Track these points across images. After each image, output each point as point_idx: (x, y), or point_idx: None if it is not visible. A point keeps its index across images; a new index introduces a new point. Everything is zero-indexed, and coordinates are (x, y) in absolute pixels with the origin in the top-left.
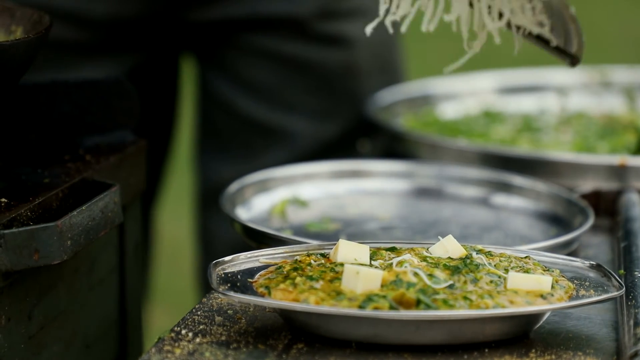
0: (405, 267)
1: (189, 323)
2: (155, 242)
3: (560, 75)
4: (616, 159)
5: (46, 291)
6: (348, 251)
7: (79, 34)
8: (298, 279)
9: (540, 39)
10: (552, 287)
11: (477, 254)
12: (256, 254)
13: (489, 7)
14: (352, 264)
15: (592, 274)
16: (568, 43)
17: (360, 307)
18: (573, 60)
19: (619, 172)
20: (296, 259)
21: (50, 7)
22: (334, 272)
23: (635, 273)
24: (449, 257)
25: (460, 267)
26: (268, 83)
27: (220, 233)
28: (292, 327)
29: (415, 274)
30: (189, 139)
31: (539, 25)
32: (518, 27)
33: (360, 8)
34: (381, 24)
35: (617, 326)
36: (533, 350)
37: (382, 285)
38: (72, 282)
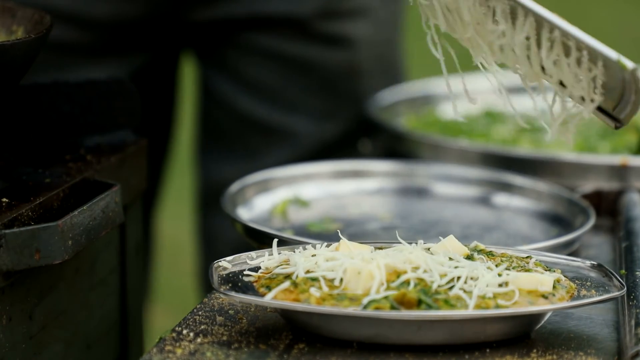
0: (407, 267)
1: (190, 323)
2: (157, 242)
3: None
4: (617, 159)
5: (47, 291)
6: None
7: (81, 35)
8: (299, 279)
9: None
10: (554, 287)
11: (478, 254)
12: (257, 254)
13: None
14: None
15: (593, 274)
16: (619, 108)
17: (362, 307)
18: (617, 125)
19: (620, 172)
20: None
21: (52, 8)
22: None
23: (637, 273)
24: (450, 257)
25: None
26: (269, 83)
27: (221, 233)
28: (294, 327)
29: (417, 274)
30: (189, 139)
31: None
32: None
33: (361, 8)
34: (382, 24)
35: (618, 326)
36: (534, 350)
37: (383, 285)
38: (73, 282)
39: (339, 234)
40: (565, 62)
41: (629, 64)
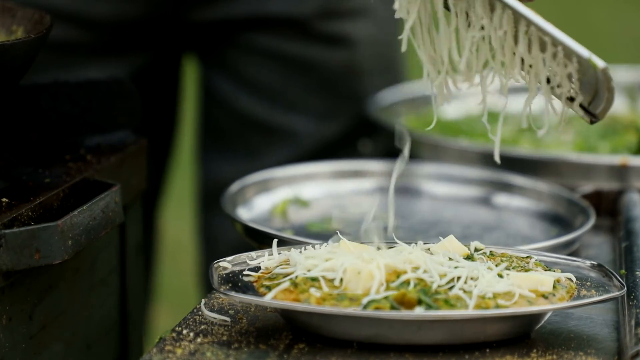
0: (407, 267)
1: (190, 323)
2: (157, 242)
3: None
4: (617, 159)
5: (47, 291)
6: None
7: (82, 34)
8: (299, 279)
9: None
10: (554, 287)
11: (478, 254)
12: (257, 254)
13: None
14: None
15: (593, 274)
16: (594, 104)
17: (362, 307)
18: (593, 119)
19: (620, 172)
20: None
21: (53, 8)
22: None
23: (637, 273)
24: (450, 257)
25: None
26: (270, 82)
27: (221, 233)
28: (294, 327)
29: (416, 274)
30: (190, 139)
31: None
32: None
33: (361, 8)
34: (382, 24)
35: (618, 326)
36: (534, 350)
37: (383, 285)
38: (73, 282)
39: (339, 234)
40: (542, 57)
41: (600, 62)
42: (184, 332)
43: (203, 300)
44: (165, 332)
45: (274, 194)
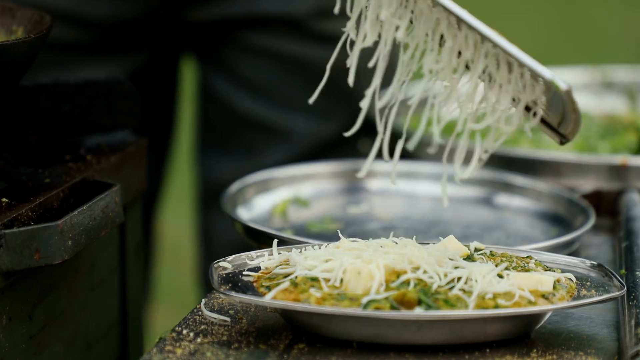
0: (407, 267)
1: (190, 323)
2: (157, 242)
3: (560, 75)
4: (617, 159)
5: (47, 291)
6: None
7: (80, 34)
8: (299, 279)
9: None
10: (554, 287)
11: (478, 254)
12: (257, 254)
13: (487, 73)
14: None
15: (593, 274)
16: (563, 125)
17: (362, 307)
18: (563, 140)
19: (620, 172)
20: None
21: (51, 8)
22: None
23: (637, 273)
24: (450, 258)
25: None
26: (267, 81)
27: (221, 233)
28: (294, 327)
29: (416, 274)
30: (189, 139)
31: (535, 103)
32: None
33: None
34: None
35: (618, 326)
36: (534, 350)
37: (383, 285)
38: (73, 282)
39: (339, 234)
40: (508, 78)
41: (563, 84)
42: (184, 332)
43: (203, 300)
44: (165, 332)
45: (274, 194)
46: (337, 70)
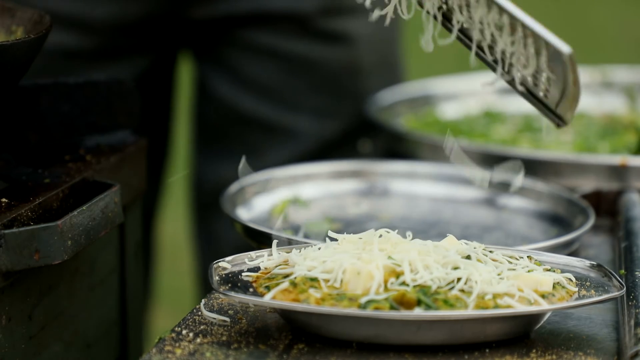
0: (406, 267)
1: (190, 323)
2: (156, 242)
3: None
4: (617, 159)
5: (47, 291)
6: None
7: (83, 40)
8: (298, 279)
9: (532, 93)
10: (554, 287)
11: (478, 254)
12: (257, 254)
13: (490, 47)
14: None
15: (592, 274)
16: (561, 103)
17: (361, 307)
18: (561, 123)
19: (620, 172)
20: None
21: (53, 13)
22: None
23: (636, 273)
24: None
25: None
26: (269, 81)
27: (220, 233)
28: (293, 327)
29: (416, 274)
30: (189, 139)
31: (535, 81)
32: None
33: (362, 5)
34: (383, 21)
35: (617, 326)
36: (534, 351)
37: (382, 286)
38: (72, 282)
39: (333, 233)
40: (511, 40)
41: (565, 47)
42: (184, 332)
43: (202, 301)
44: (165, 333)
45: (274, 194)
46: (341, 70)
